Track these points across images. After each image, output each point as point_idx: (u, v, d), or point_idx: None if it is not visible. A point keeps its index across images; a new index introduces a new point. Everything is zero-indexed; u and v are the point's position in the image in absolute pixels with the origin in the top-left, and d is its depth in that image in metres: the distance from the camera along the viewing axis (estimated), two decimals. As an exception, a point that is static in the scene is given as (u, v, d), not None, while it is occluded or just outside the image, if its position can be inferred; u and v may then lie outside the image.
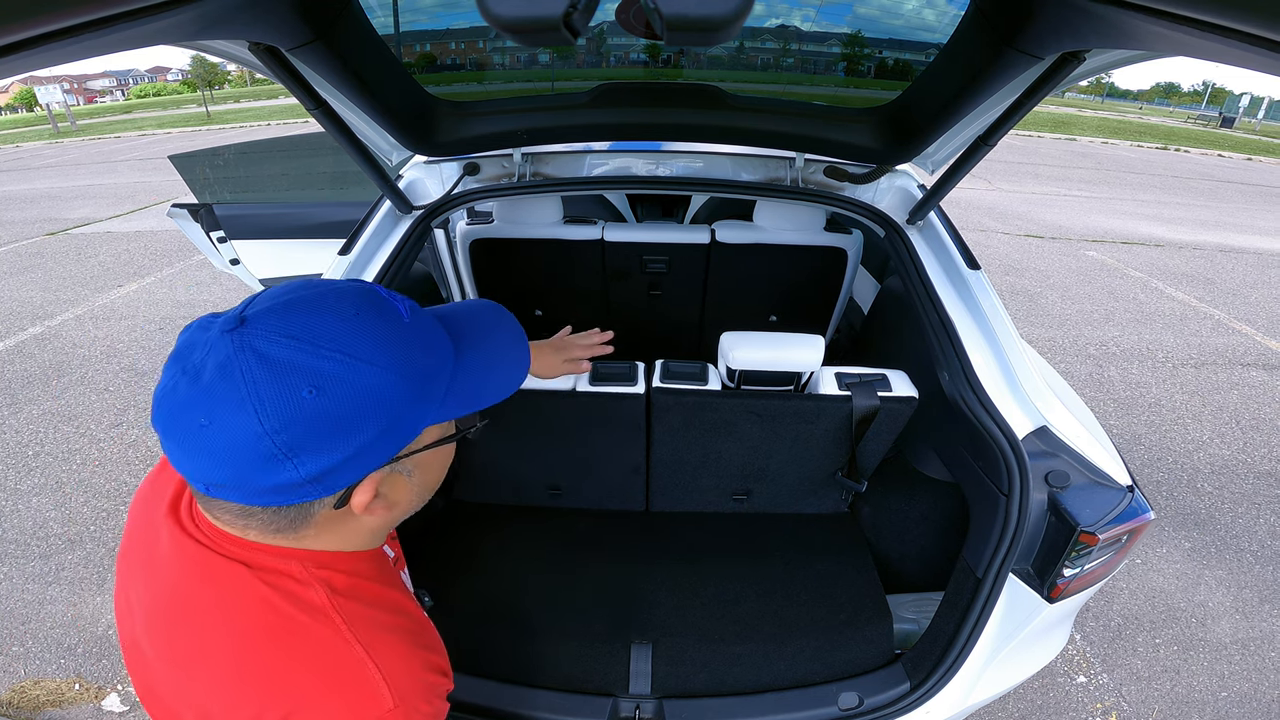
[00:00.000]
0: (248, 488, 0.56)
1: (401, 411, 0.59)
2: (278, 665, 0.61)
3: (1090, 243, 7.78)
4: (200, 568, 0.64)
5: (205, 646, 0.63)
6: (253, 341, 0.54)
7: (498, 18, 0.61)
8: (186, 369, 0.55)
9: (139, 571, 0.70)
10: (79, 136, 21.80)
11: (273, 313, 0.56)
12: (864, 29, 1.35)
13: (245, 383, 0.53)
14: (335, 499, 0.60)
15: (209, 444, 0.53)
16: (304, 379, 0.54)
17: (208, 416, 0.53)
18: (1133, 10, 0.66)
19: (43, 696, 2.12)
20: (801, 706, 1.36)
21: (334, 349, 0.55)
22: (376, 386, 0.57)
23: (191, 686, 0.63)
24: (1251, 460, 3.55)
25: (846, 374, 1.52)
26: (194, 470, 0.56)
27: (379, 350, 0.57)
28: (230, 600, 0.62)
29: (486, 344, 0.71)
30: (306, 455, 0.55)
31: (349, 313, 0.58)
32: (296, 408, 0.53)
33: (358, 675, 0.62)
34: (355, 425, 0.56)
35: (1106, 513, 1.21)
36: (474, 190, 1.95)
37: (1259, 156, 19.23)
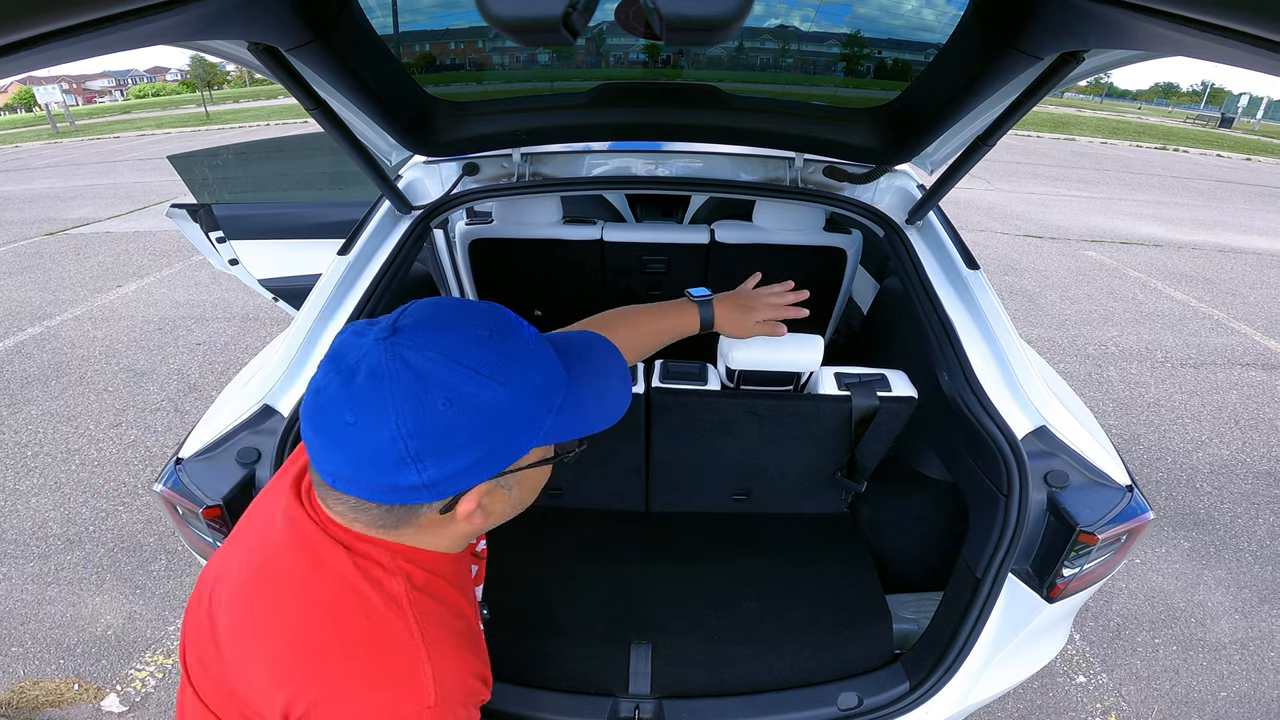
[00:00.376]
0: (371, 485, 0.62)
1: (516, 430, 0.64)
2: (333, 642, 0.66)
3: (1089, 243, 7.78)
4: (301, 539, 0.70)
5: (276, 610, 0.68)
6: (403, 351, 0.60)
7: (497, 18, 0.61)
8: (341, 370, 0.61)
9: (249, 537, 0.77)
10: (78, 137, 21.79)
11: (421, 326, 0.62)
12: (863, 29, 1.35)
13: (391, 390, 0.59)
14: (443, 504, 0.66)
15: (349, 441, 0.60)
16: (440, 391, 0.59)
17: (354, 416, 0.59)
18: (1132, 10, 0.66)
19: (41, 697, 2.12)
20: (801, 706, 1.36)
21: (468, 366, 0.61)
22: (499, 404, 0.62)
23: (250, 651, 0.68)
24: (1251, 460, 3.55)
25: (846, 374, 1.52)
26: (328, 462, 0.63)
27: (505, 371, 0.63)
28: (316, 571, 0.68)
29: (594, 376, 0.75)
30: (430, 462, 0.60)
31: (483, 334, 0.64)
32: (431, 417, 0.59)
33: (410, 666, 0.66)
34: (476, 438, 0.62)
35: (1106, 513, 1.21)
36: (473, 190, 1.95)
37: (1258, 156, 19.25)
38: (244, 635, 0.69)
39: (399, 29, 1.31)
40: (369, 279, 1.67)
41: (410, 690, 0.66)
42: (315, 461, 0.65)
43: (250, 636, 0.69)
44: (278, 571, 0.70)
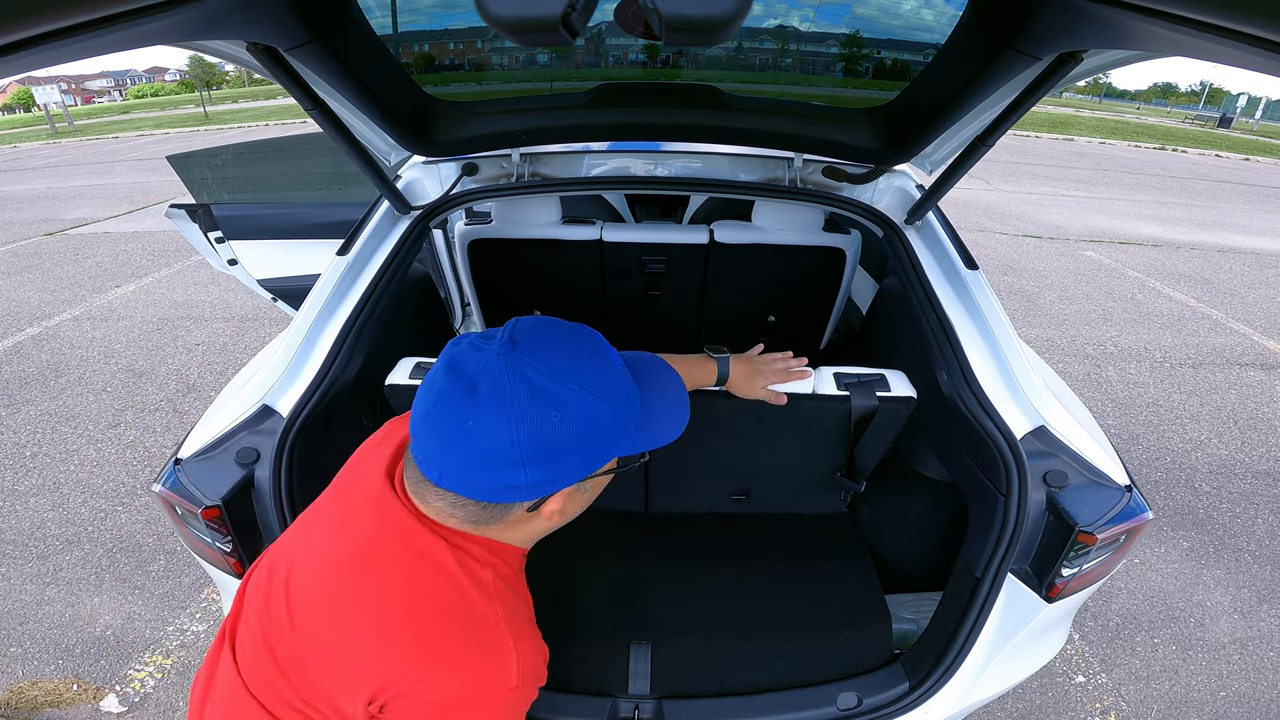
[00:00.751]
0: (477, 483, 0.71)
1: (608, 441, 0.74)
2: (438, 626, 0.73)
3: (1088, 243, 7.79)
4: (401, 529, 0.76)
5: (380, 593, 0.74)
6: (522, 368, 0.68)
7: (496, 18, 0.61)
8: (462, 379, 0.68)
9: (337, 520, 0.82)
10: (77, 137, 21.76)
11: (536, 343, 0.70)
12: (862, 29, 1.35)
13: (511, 401, 0.66)
14: (533, 503, 0.74)
15: (467, 444, 0.67)
16: (554, 406, 0.67)
17: (475, 421, 0.67)
18: (1130, 10, 0.66)
19: (41, 697, 2.12)
20: (801, 706, 1.36)
21: (577, 383, 0.69)
22: (599, 418, 0.71)
23: (345, 628, 0.74)
24: (1249, 460, 3.55)
25: (845, 374, 1.52)
26: (441, 461, 0.70)
27: (603, 388, 0.72)
28: (419, 560, 0.75)
29: (660, 394, 0.84)
30: (536, 466, 0.68)
31: (585, 353, 0.73)
32: (544, 428, 0.67)
33: (500, 651, 0.75)
34: (577, 447, 0.70)
35: (1105, 512, 1.21)
36: (472, 190, 1.95)
37: (1256, 156, 19.27)
38: (339, 613, 0.75)
39: (398, 29, 1.31)
40: (368, 279, 1.67)
41: (499, 673, 0.74)
42: (425, 459, 0.72)
43: (349, 614, 0.74)
44: (380, 557, 0.76)
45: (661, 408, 0.83)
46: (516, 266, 2.43)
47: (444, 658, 0.73)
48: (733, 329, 2.65)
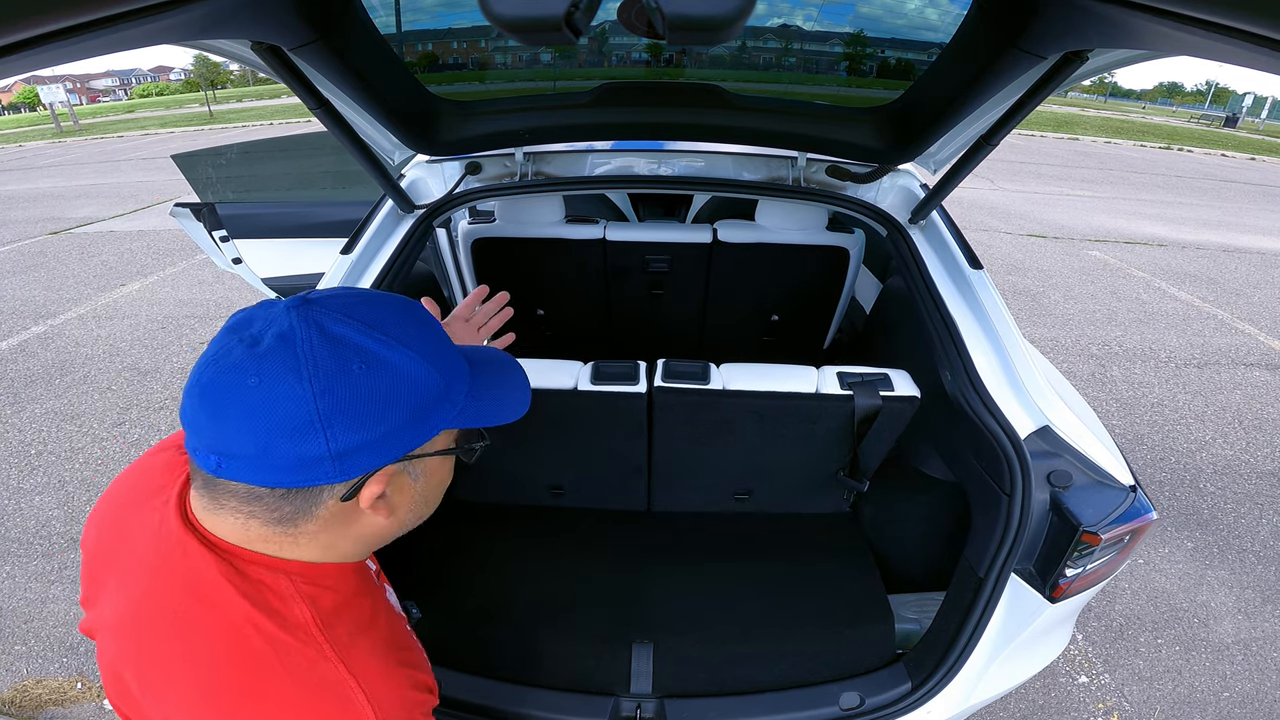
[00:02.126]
0: (271, 458, 0.56)
1: (428, 406, 0.62)
2: (247, 694, 0.60)
3: (1093, 242, 7.77)
4: (185, 571, 0.62)
5: (174, 663, 0.61)
6: (318, 317, 0.57)
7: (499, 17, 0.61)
8: (244, 338, 0.57)
9: (123, 559, 0.68)
10: (82, 136, 21.84)
11: (336, 297, 0.61)
12: (866, 28, 1.34)
13: (304, 350, 0.56)
14: (346, 488, 0.60)
15: (251, 403, 0.54)
16: (355, 354, 0.57)
17: (258, 377, 0.55)
18: (1136, 10, 0.65)
19: (45, 695, 2.13)
20: (803, 706, 1.36)
21: (385, 334, 0.59)
22: (414, 375, 0.60)
23: (165, 709, 0.62)
24: (1254, 460, 3.54)
25: (848, 373, 1.52)
26: (218, 438, 0.56)
27: (419, 342, 0.62)
28: (204, 611, 0.61)
29: (496, 372, 0.74)
30: (339, 428, 0.56)
31: (398, 309, 0.63)
32: (345, 378, 0.56)
33: (341, 698, 0.61)
34: (389, 406, 0.59)
35: (1109, 513, 1.21)
36: (476, 189, 1.95)
37: (1263, 156, 19.19)
38: (152, 689, 0.62)
39: (401, 28, 1.31)
40: (372, 278, 1.68)
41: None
42: (200, 444, 0.58)
43: (160, 691, 0.62)
44: (158, 620, 0.62)
45: (499, 387, 0.73)
46: (520, 265, 2.43)
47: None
48: (736, 328, 2.65)
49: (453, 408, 0.65)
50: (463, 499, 1.92)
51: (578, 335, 2.71)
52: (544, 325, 2.66)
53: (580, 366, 1.57)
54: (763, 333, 2.65)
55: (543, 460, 1.80)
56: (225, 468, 0.57)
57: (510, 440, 1.71)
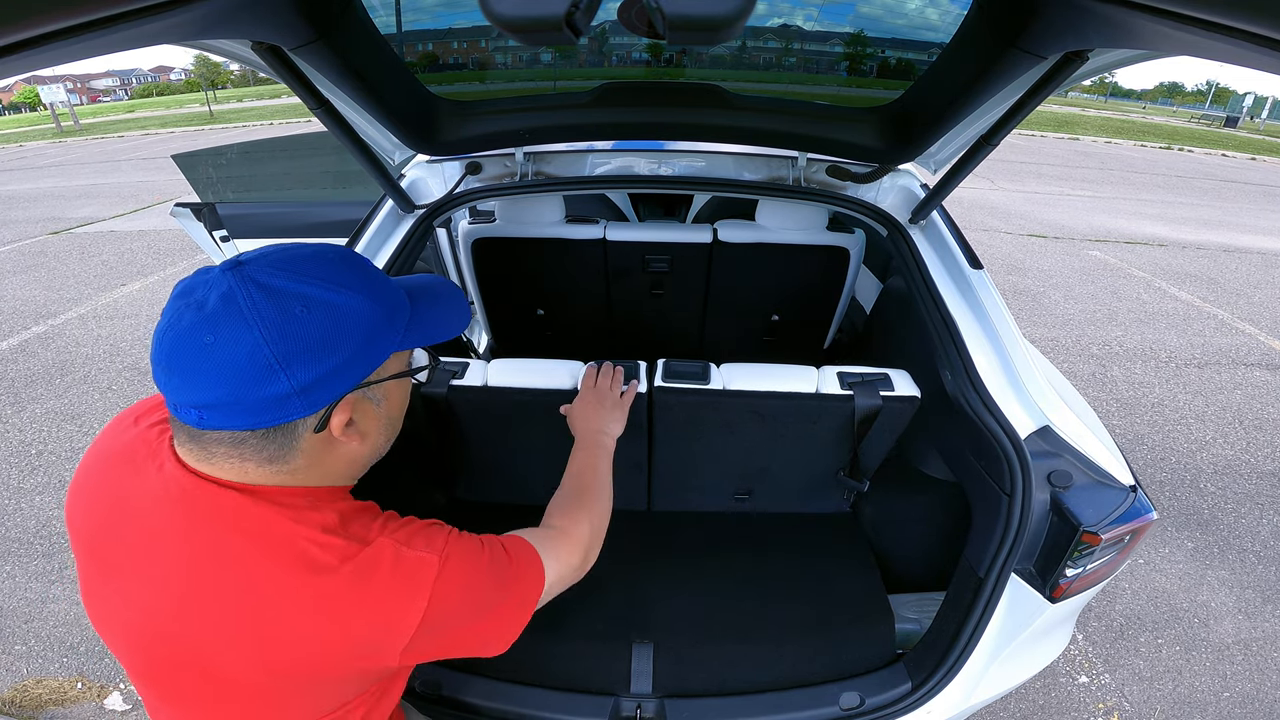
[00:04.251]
0: (243, 403, 0.63)
1: (373, 334, 0.69)
2: (325, 591, 0.67)
3: (1093, 242, 7.77)
4: (217, 515, 0.67)
5: (244, 600, 0.66)
6: (253, 275, 0.64)
7: (500, 17, 0.61)
8: (190, 303, 0.63)
9: (130, 538, 0.70)
10: (82, 136, 21.85)
11: (265, 256, 0.66)
12: (866, 28, 1.34)
13: (247, 305, 0.62)
14: (317, 419, 0.68)
15: (213, 359, 0.61)
16: (295, 300, 0.64)
17: (213, 334, 0.61)
18: (1137, 9, 0.65)
19: (45, 695, 2.13)
20: (803, 706, 1.36)
21: (319, 279, 0.66)
22: (354, 308, 0.67)
23: (235, 639, 0.67)
24: (1255, 460, 3.54)
25: (848, 373, 1.52)
26: (192, 394, 0.63)
27: (355, 280, 0.69)
28: (262, 542, 0.67)
29: (433, 295, 0.80)
30: (296, 366, 0.63)
31: (329, 256, 0.70)
32: (290, 321, 0.63)
33: (402, 561, 0.71)
34: (337, 339, 0.66)
35: (1109, 513, 1.21)
36: (476, 189, 1.95)
37: (1263, 156, 19.19)
38: (222, 635, 0.67)
39: (402, 28, 1.31)
40: None
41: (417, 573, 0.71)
42: (178, 403, 0.65)
43: (230, 635, 0.67)
44: (215, 560, 0.67)
45: (438, 309, 0.79)
46: (520, 265, 2.43)
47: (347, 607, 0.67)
48: (736, 328, 2.64)
49: (396, 333, 0.72)
50: (463, 499, 1.92)
51: (578, 335, 2.71)
52: (544, 325, 2.66)
53: (580, 366, 1.57)
54: (763, 333, 2.65)
55: (542, 460, 1.79)
56: (207, 419, 0.64)
57: (510, 440, 1.71)
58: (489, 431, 1.67)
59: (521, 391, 1.53)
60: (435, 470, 1.86)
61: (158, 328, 0.65)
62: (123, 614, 0.71)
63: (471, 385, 1.52)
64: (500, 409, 1.58)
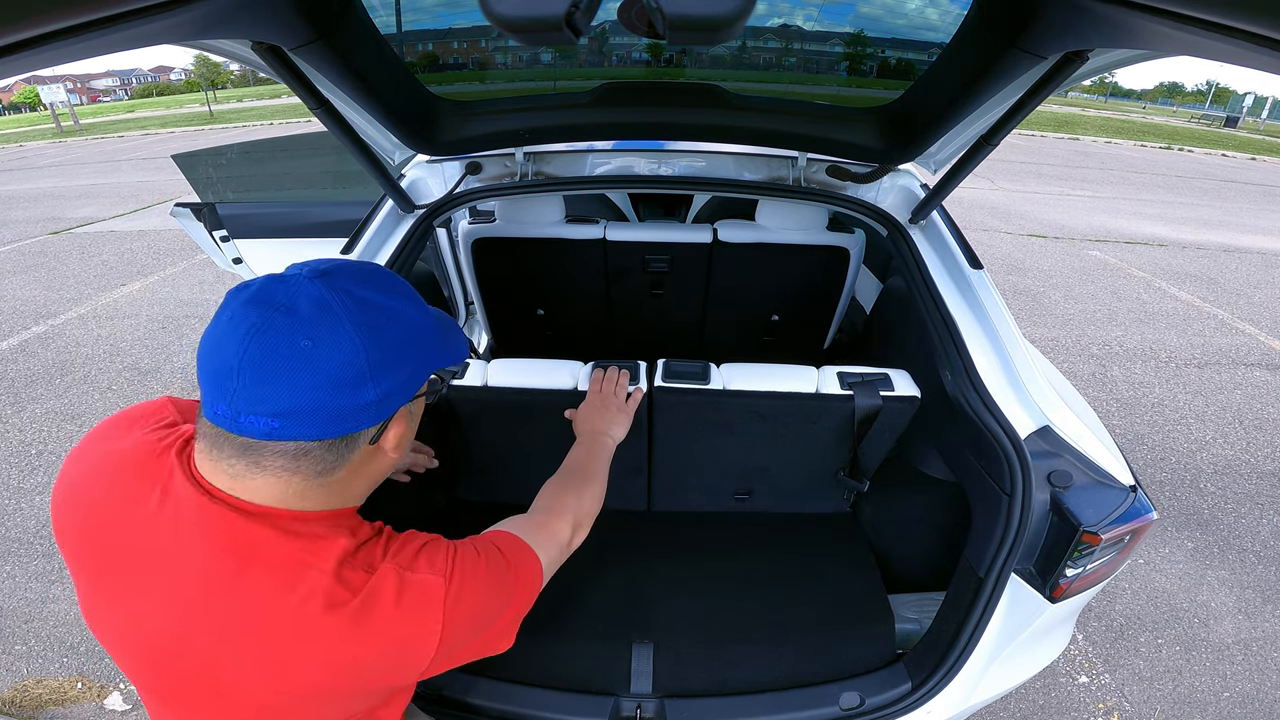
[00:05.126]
0: (326, 410, 0.64)
1: (430, 349, 0.73)
2: (336, 626, 0.66)
3: (1093, 242, 7.77)
4: (233, 544, 0.66)
5: (257, 630, 0.66)
6: (343, 284, 0.65)
7: (500, 17, 0.61)
8: (278, 308, 0.63)
9: (137, 557, 0.68)
10: (82, 136, 21.85)
11: (344, 269, 0.68)
12: (866, 28, 1.34)
13: (344, 312, 0.63)
14: (375, 430, 0.70)
15: (312, 364, 0.62)
16: (382, 313, 0.67)
17: (312, 339, 0.62)
18: (1136, 10, 0.65)
19: (45, 695, 2.13)
20: (803, 706, 1.36)
21: (395, 295, 0.70)
22: (421, 323, 0.72)
23: (253, 668, 0.67)
24: (1255, 460, 3.54)
25: (848, 373, 1.52)
26: (278, 401, 0.62)
27: (416, 298, 0.73)
28: (276, 574, 0.66)
29: (447, 321, 0.82)
30: (382, 375, 0.66)
31: (392, 274, 0.73)
32: (379, 331, 0.66)
33: (410, 587, 0.70)
34: (409, 351, 0.69)
35: (1109, 513, 1.21)
36: (476, 189, 1.95)
37: (1263, 156, 19.18)
38: (240, 661, 0.67)
39: (402, 28, 1.31)
40: None
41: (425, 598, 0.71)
42: (245, 410, 0.62)
43: (249, 661, 0.67)
44: (228, 589, 0.65)
45: (451, 335, 0.81)
46: (520, 265, 2.43)
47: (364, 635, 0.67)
48: (736, 328, 2.65)
49: (438, 350, 0.75)
50: (463, 499, 1.92)
51: (578, 335, 2.71)
52: (544, 325, 2.66)
53: (580, 366, 1.57)
54: (763, 332, 2.65)
55: (543, 460, 1.79)
56: (281, 429, 0.63)
57: (509, 440, 1.71)
58: (489, 431, 1.67)
59: (521, 391, 1.53)
60: (435, 470, 1.86)
61: (230, 333, 0.62)
62: (131, 632, 0.70)
63: (471, 385, 1.52)
64: (500, 409, 1.58)
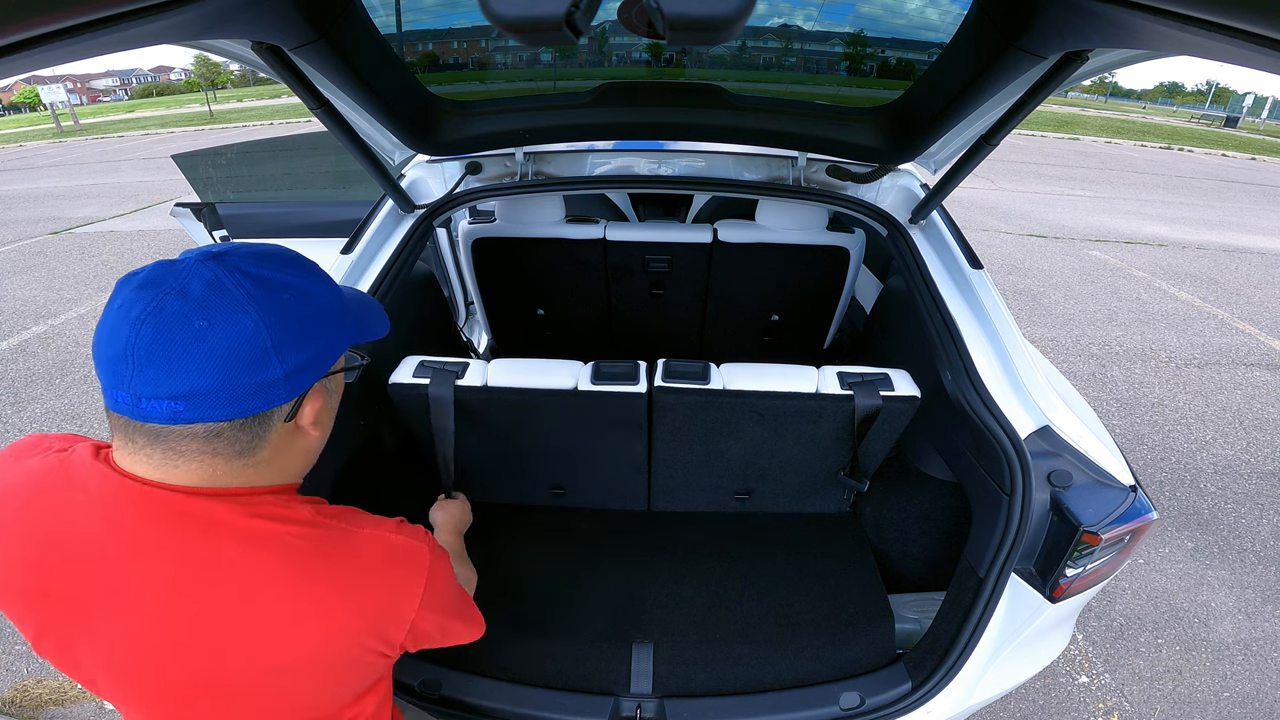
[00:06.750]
0: (231, 389, 0.62)
1: (340, 325, 0.73)
2: (313, 575, 0.68)
3: (1093, 242, 7.76)
4: (190, 530, 0.65)
5: (242, 604, 0.66)
6: (238, 264, 0.64)
7: (500, 17, 0.61)
8: (168, 291, 0.60)
9: (92, 578, 0.65)
10: (82, 136, 21.85)
11: (237, 250, 0.67)
12: (866, 28, 1.34)
13: (240, 291, 0.62)
14: (289, 408, 0.69)
15: (206, 344, 0.60)
16: (280, 288, 0.65)
17: (206, 320, 0.60)
18: (1136, 10, 0.65)
19: (45, 695, 2.13)
20: (803, 706, 1.36)
21: (295, 271, 0.69)
22: (329, 300, 0.71)
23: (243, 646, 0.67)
24: (1255, 460, 3.54)
25: (849, 373, 1.52)
26: (173, 384, 0.60)
27: (323, 276, 0.73)
28: (244, 546, 0.66)
29: (361, 300, 0.83)
30: (288, 350, 0.64)
31: (295, 254, 0.72)
32: (282, 308, 0.64)
33: (383, 543, 0.74)
34: (318, 327, 0.69)
35: (1109, 513, 1.21)
36: (476, 189, 1.95)
37: (1263, 156, 19.19)
38: (230, 641, 0.66)
39: (402, 28, 1.32)
40: (372, 277, 1.68)
41: (411, 554, 0.76)
42: (146, 396, 0.60)
43: (239, 642, 0.66)
44: (201, 575, 0.64)
45: (369, 311, 0.82)
46: (520, 265, 2.43)
47: (364, 598, 0.71)
48: (736, 328, 2.65)
49: (352, 329, 0.76)
50: (463, 499, 1.92)
51: (578, 335, 2.72)
52: (544, 325, 2.66)
53: (580, 366, 1.57)
54: (763, 332, 2.65)
55: (543, 460, 1.80)
56: (185, 411, 0.61)
57: (510, 440, 1.71)
58: (489, 431, 1.67)
59: (521, 392, 1.53)
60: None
61: (121, 319, 0.60)
62: (106, 653, 0.67)
63: (471, 385, 1.52)
64: (500, 409, 1.58)
